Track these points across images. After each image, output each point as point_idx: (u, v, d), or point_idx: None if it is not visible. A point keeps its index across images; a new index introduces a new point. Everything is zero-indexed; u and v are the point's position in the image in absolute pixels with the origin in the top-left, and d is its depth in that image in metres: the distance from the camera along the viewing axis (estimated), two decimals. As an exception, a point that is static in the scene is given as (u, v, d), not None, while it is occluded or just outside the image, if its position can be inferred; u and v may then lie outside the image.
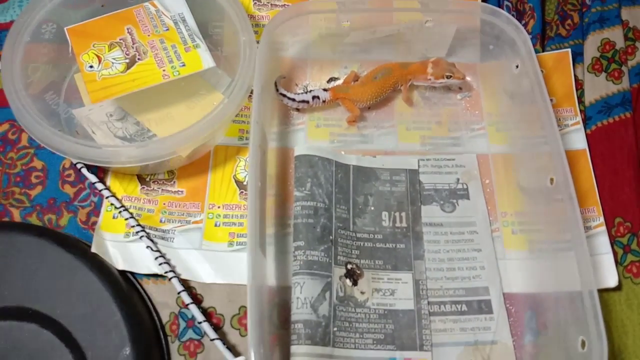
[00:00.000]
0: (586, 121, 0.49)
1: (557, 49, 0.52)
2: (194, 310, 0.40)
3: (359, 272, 0.42)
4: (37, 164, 0.46)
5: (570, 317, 0.36)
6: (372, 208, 0.44)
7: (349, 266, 0.42)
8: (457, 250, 0.43)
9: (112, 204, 0.44)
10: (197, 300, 0.41)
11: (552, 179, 0.40)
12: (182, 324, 0.41)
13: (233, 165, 0.46)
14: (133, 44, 0.44)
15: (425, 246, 0.43)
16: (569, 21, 0.54)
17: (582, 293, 0.35)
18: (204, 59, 0.44)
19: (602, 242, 0.43)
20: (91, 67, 0.43)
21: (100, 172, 0.45)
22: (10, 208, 0.45)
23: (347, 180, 0.45)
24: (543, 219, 0.42)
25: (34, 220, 0.44)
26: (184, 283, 0.41)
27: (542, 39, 0.53)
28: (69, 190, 0.46)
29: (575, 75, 0.50)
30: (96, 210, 0.44)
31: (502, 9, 0.52)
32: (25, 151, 0.47)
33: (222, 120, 0.41)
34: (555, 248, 0.40)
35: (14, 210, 0.44)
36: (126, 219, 0.43)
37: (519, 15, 0.54)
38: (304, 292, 0.39)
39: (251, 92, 0.42)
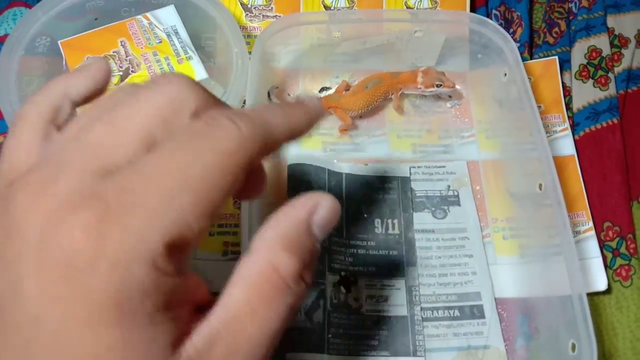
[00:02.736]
0: (574, 127, 0.50)
1: (544, 56, 0.53)
2: (189, 319, 0.40)
3: (352, 279, 0.42)
4: (32, 176, 0.47)
5: (560, 320, 0.37)
6: (365, 215, 0.45)
7: (343, 273, 0.42)
8: (449, 256, 0.44)
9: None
10: (192, 309, 0.41)
11: (541, 185, 0.41)
12: (178, 333, 0.41)
13: (227, 175, 0.46)
14: (126, 56, 0.44)
15: (417, 252, 0.44)
16: (556, 29, 0.55)
17: (571, 297, 0.36)
18: (196, 70, 0.44)
19: (592, 246, 0.44)
20: (85, 79, 0.43)
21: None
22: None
23: (340, 189, 0.46)
24: (533, 224, 0.43)
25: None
26: (179, 292, 0.41)
27: (530, 47, 0.54)
28: (63, 201, 0.46)
29: (562, 82, 0.51)
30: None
31: (491, 17, 0.54)
32: (20, 163, 0.47)
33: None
34: (545, 253, 0.41)
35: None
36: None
37: (507, 24, 0.55)
38: (298, 299, 0.40)
39: (244, 103, 0.43)
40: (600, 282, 0.43)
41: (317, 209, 0.20)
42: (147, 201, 0.16)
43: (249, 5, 0.53)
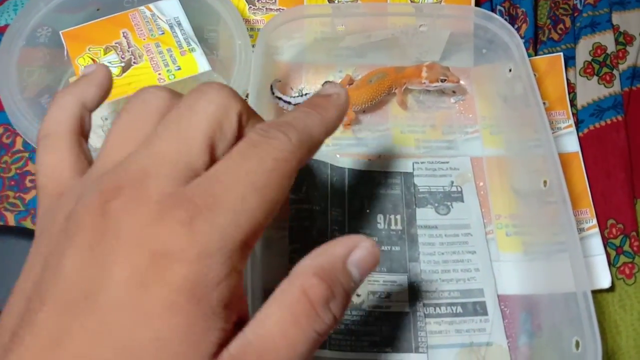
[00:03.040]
0: (578, 124, 0.49)
1: (549, 52, 0.53)
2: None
3: (354, 274, 0.42)
4: (32, 167, 0.46)
5: (564, 318, 0.37)
6: (368, 211, 0.45)
7: (345, 269, 0.42)
8: (451, 253, 0.43)
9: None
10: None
11: (545, 182, 0.40)
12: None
13: (229, 169, 0.46)
14: (129, 47, 0.44)
15: (420, 248, 0.44)
16: (561, 25, 0.55)
17: (576, 294, 0.35)
18: (199, 62, 0.44)
19: (595, 243, 0.44)
20: (87, 70, 0.43)
21: (96, 175, 0.45)
22: (5, 212, 0.44)
23: (343, 183, 0.45)
24: (537, 221, 0.42)
25: (28, 224, 0.44)
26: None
27: (535, 43, 0.54)
28: (64, 194, 0.45)
29: (567, 79, 0.51)
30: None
31: (495, 13, 0.53)
32: (20, 155, 0.47)
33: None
34: (549, 250, 0.40)
35: (9, 214, 0.44)
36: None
37: (512, 20, 0.55)
38: (300, 294, 0.40)
39: (247, 96, 0.42)
40: (603, 279, 0.43)
41: (355, 249, 0.21)
42: (227, 203, 0.19)
43: (253, -2, 0.52)
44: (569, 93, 0.51)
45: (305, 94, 0.48)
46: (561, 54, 0.52)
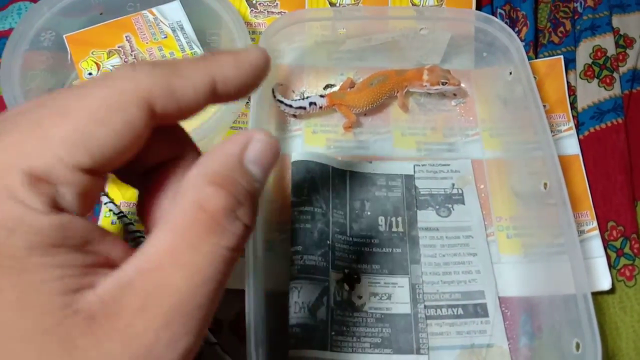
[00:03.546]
0: (579, 127, 0.50)
1: (549, 55, 0.53)
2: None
3: (356, 276, 0.42)
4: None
5: (564, 320, 0.37)
6: (369, 213, 0.45)
7: (346, 271, 0.42)
8: (452, 255, 0.44)
9: (110, 210, 0.44)
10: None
11: (545, 184, 0.41)
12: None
13: (231, 171, 0.46)
14: (132, 51, 0.44)
15: (421, 250, 0.44)
16: (561, 28, 0.55)
17: (576, 296, 0.36)
18: (201, 66, 0.44)
19: (596, 245, 0.44)
20: (90, 74, 0.43)
21: (99, 178, 0.46)
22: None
23: (344, 186, 0.46)
24: (537, 224, 0.43)
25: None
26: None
27: (535, 46, 0.54)
28: (67, 196, 0.46)
29: (567, 82, 0.51)
30: (94, 216, 0.45)
31: (496, 16, 0.53)
32: (24, 158, 0.47)
33: (220, 127, 0.42)
34: (549, 252, 0.41)
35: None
36: (126, 225, 0.43)
37: (512, 23, 0.55)
38: (302, 296, 0.40)
39: (248, 99, 0.43)
40: (604, 281, 0.43)
41: (250, 143, 0.18)
42: (11, 128, 0.15)
43: (254, 2, 0.52)
44: (570, 96, 0.51)
45: (307, 97, 0.48)
46: (561, 56, 0.52)
